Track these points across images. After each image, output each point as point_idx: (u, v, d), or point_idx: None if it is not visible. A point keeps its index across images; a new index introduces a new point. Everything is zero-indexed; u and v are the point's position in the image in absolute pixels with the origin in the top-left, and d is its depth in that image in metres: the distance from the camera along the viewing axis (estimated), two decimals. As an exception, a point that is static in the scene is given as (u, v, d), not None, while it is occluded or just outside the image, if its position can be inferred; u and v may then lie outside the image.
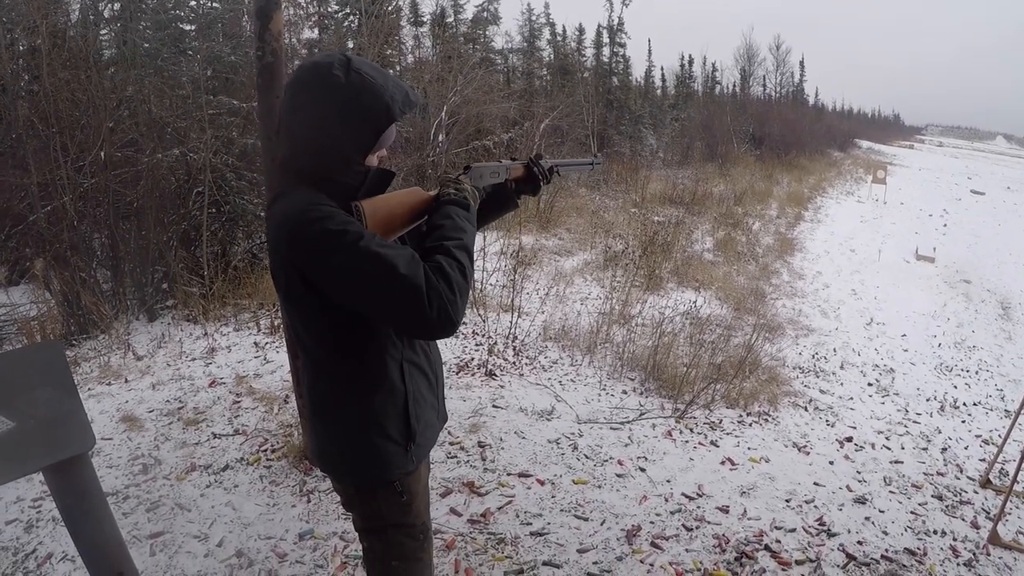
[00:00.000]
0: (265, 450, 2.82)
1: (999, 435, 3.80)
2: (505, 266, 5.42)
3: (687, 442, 3.26)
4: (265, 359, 3.84)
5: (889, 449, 3.59)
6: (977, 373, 5.41)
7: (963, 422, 4.26)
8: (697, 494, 2.75)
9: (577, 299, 5.66)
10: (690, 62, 27.66)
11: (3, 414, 1.43)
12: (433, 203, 1.26)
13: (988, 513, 2.90)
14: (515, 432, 3.15)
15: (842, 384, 4.71)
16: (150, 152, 4.82)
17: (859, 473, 3.18)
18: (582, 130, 14.87)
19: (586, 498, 2.63)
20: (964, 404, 4.60)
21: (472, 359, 4.03)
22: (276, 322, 4.26)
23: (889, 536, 2.60)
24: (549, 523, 2.45)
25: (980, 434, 4.06)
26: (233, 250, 5.28)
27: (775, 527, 2.55)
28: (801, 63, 39.13)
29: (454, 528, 2.37)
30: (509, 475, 2.76)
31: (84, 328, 4.09)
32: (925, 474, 3.29)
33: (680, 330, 4.83)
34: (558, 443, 3.08)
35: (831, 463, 3.26)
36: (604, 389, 3.87)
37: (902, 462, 3.40)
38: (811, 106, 40.48)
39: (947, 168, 30.50)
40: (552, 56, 20.86)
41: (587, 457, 2.98)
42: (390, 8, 10.50)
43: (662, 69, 27.71)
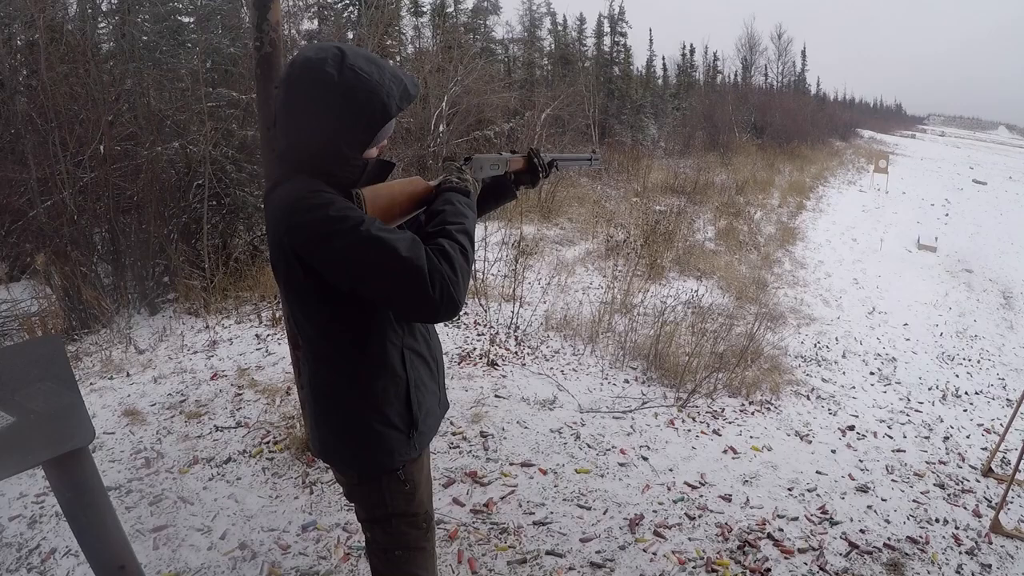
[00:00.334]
0: (267, 442, 2.82)
1: (1001, 424, 3.80)
2: (507, 256, 5.41)
3: (689, 431, 3.26)
4: (267, 351, 3.84)
5: (891, 438, 3.60)
6: (979, 362, 5.41)
7: (965, 411, 4.27)
8: (700, 483, 2.76)
9: (579, 288, 5.66)
10: (691, 51, 27.60)
11: (3, 408, 1.43)
12: (434, 191, 1.27)
13: (990, 502, 2.90)
14: (517, 422, 3.15)
15: (844, 373, 4.71)
16: (149, 145, 4.80)
17: (861, 462, 3.18)
18: (583, 120, 14.83)
19: (588, 487, 2.64)
20: (966, 393, 4.60)
21: (474, 349, 4.03)
22: (277, 314, 4.25)
23: (891, 524, 2.60)
24: (552, 512, 2.45)
25: (982, 423, 4.06)
26: (234, 242, 5.26)
27: (777, 516, 2.56)
28: (803, 53, 39.18)
29: (457, 518, 2.37)
30: (511, 465, 2.76)
31: (85, 323, 4.08)
32: (927, 463, 3.29)
33: (682, 319, 4.83)
34: (560, 433, 3.08)
35: (833, 452, 3.26)
36: (606, 378, 3.87)
37: (904, 451, 3.41)
38: (813, 95, 40.35)
39: (949, 158, 30.38)
40: (553, 46, 20.79)
41: (589, 446, 2.98)
42: (389, -2, 10.44)
43: (663, 58, 27.75)
